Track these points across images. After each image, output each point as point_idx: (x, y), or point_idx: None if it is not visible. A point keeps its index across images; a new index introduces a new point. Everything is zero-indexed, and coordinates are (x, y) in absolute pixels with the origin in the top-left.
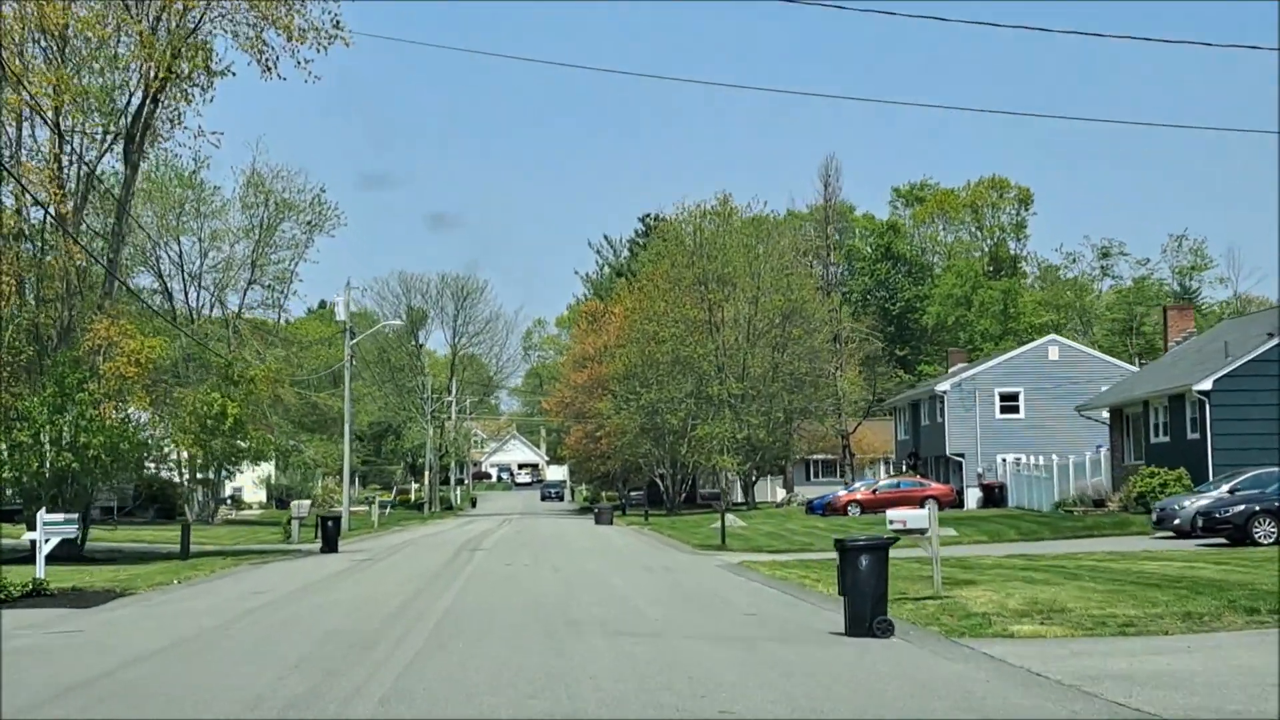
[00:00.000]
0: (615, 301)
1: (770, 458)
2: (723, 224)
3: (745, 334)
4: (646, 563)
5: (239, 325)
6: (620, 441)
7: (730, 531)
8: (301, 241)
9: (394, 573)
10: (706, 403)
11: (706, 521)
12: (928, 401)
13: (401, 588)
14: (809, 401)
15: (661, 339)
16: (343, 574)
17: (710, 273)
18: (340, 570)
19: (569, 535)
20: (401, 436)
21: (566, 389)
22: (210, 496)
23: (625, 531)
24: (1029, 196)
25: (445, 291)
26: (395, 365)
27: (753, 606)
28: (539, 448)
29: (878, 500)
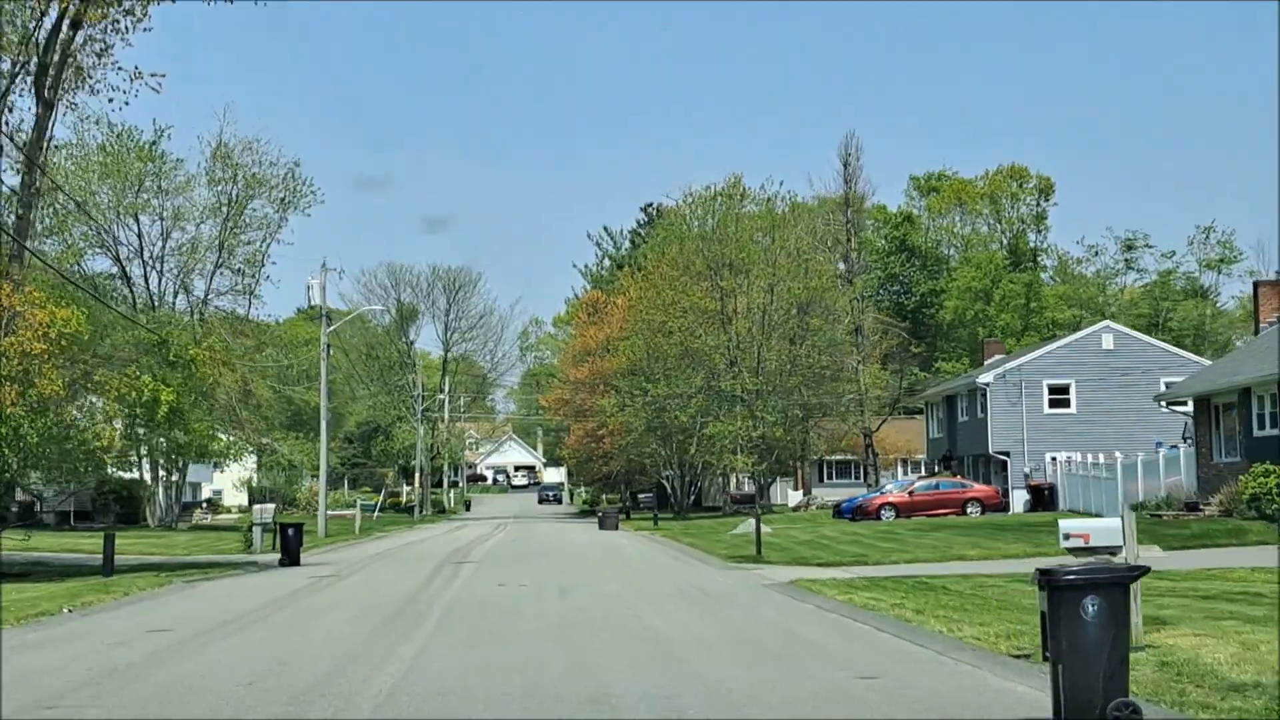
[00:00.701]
0: (618, 292)
1: (786, 458)
2: (735, 207)
3: (760, 325)
4: (675, 582)
5: (205, 313)
6: (624, 440)
7: (753, 539)
8: (274, 221)
9: (348, 604)
10: (718, 399)
11: (722, 528)
12: (966, 395)
13: (344, 634)
14: (829, 397)
15: (669, 330)
16: (282, 602)
17: (722, 258)
18: (284, 595)
19: (574, 543)
20: (391, 437)
21: (566, 385)
22: (174, 499)
23: (635, 538)
24: (1050, 186)
25: (436, 284)
26: (384, 362)
27: (864, 661)
28: (536, 449)
29: (915, 503)
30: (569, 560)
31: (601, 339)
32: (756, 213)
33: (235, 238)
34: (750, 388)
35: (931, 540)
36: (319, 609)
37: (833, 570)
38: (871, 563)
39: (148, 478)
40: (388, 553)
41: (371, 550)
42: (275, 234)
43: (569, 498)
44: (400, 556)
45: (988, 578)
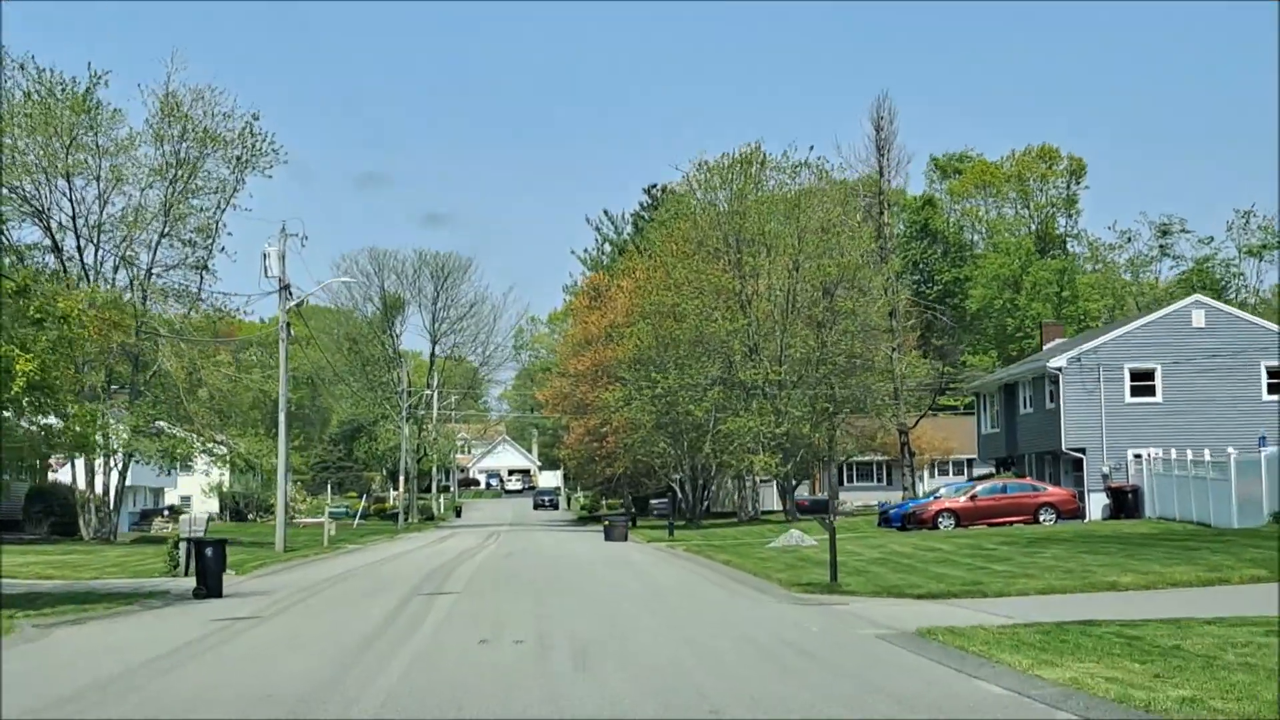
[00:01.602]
0: (622, 275)
1: (810, 458)
2: (755, 176)
3: (784, 307)
4: (741, 627)
5: (148, 289)
6: (631, 439)
7: (804, 555)
8: (229, 183)
9: (224, 687)
10: (735, 392)
11: (750, 538)
12: (1030, 384)
13: None
14: (862, 390)
15: (682, 314)
16: (114, 685)
17: (741, 233)
18: (140, 664)
19: (580, 560)
20: (376, 438)
21: (565, 378)
22: (112, 506)
23: (653, 553)
24: (1081, 168)
25: (423, 271)
26: (367, 356)
27: None
28: (531, 452)
29: (980, 509)
30: (578, 587)
31: (604, 326)
32: (779, 182)
33: (185, 203)
34: (773, 378)
35: (1047, 559)
36: (165, 699)
37: (949, 606)
38: (992, 593)
39: (81, 482)
40: (350, 574)
41: (331, 570)
42: (231, 198)
43: (566, 503)
44: (363, 581)
45: (1205, 624)
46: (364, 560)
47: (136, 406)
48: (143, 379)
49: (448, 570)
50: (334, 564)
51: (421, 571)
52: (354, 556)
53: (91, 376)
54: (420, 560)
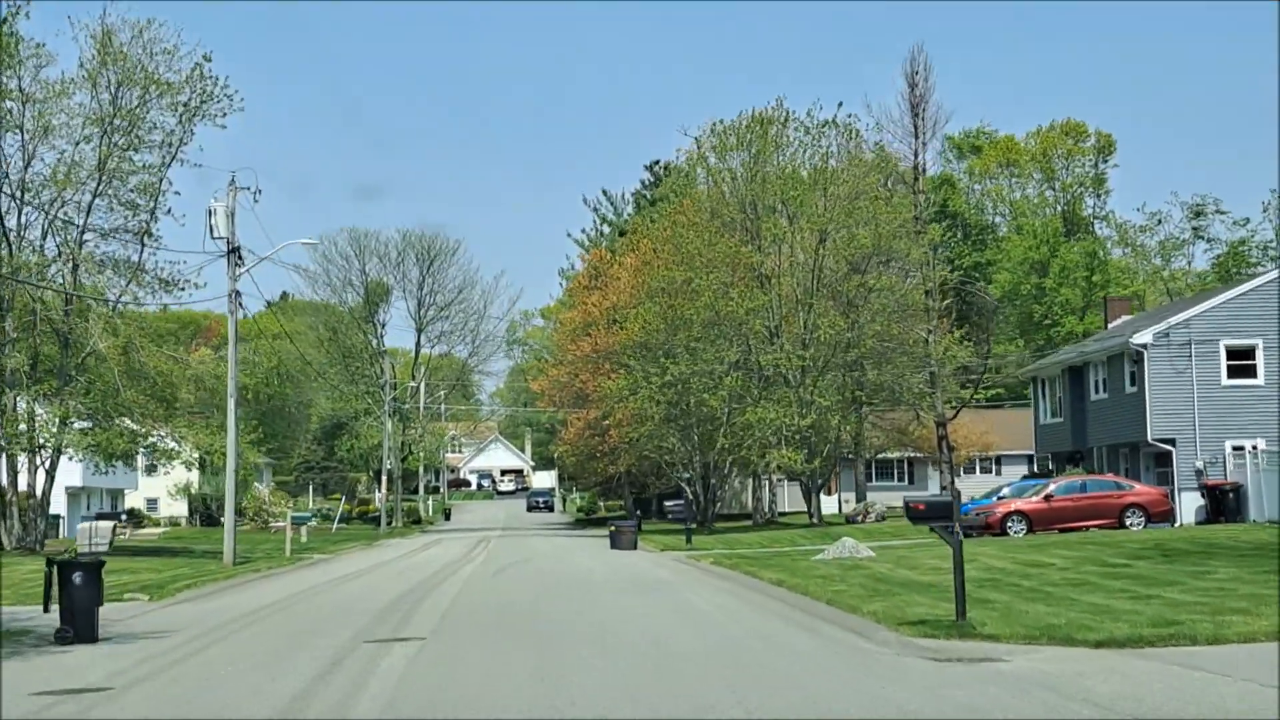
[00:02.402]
0: (626, 252)
1: (834, 454)
2: (777, 137)
3: (809, 284)
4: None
5: (79, 257)
6: (637, 433)
7: (874, 572)
8: (176, 135)
9: None
10: (755, 380)
11: (778, 544)
12: (1104, 365)
13: None
14: (896, 377)
15: (696, 290)
16: None
17: (761, 200)
18: None
19: (590, 579)
20: (358, 435)
21: (562, 367)
22: (39, 511)
23: (676, 567)
24: (1110, 144)
25: (408, 253)
26: (347, 347)
27: None
28: (524, 452)
29: (1056, 511)
30: (601, 631)
31: (606, 308)
32: (803, 144)
33: (126, 158)
34: (797, 364)
35: (1222, 582)
36: None
37: (1165, 664)
38: (1204, 638)
39: (3, 480)
40: (293, 601)
41: (273, 594)
42: (177, 153)
43: (561, 505)
44: (302, 613)
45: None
46: (323, 577)
47: (66, 394)
48: (74, 362)
49: (419, 595)
50: (283, 583)
51: (385, 598)
52: (314, 571)
53: (12, 359)
54: (390, 578)
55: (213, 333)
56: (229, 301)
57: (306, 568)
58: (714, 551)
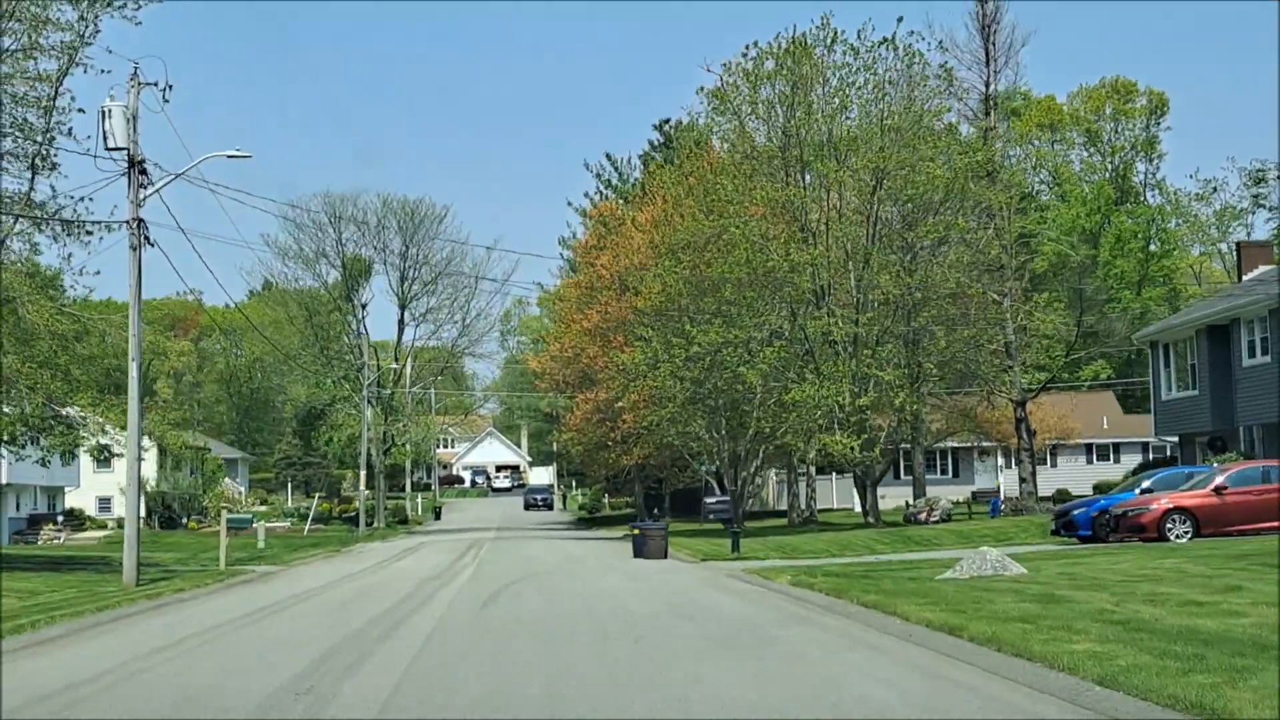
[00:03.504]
0: (641, 207)
1: (900, 440)
2: (822, 62)
3: (867, 234)
4: None
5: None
6: (658, 416)
7: (1083, 605)
8: (76, 33)
9: None
10: (798, 350)
11: (849, 550)
12: (1259, 323)
13: None
14: (971, 348)
15: (731, 241)
16: None
17: (805, 136)
18: None
19: (623, 609)
20: (337, 425)
21: (566, 340)
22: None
23: (732, 584)
24: (1163, 104)
25: (389, 220)
26: (320, 326)
27: None
28: (520, 446)
29: (1229, 507)
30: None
31: (617, 271)
32: (853, 69)
33: (11, 65)
34: (848, 333)
35: None
36: None
37: None
38: None
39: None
40: (143, 671)
41: (133, 649)
42: (77, 57)
43: (562, 502)
44: (147, 687)
45: None
46: (242, 608)
47: None
48: None
49: (360, 656)
50: (176, 618)
51: (300, 662)
52: (232, 596)
53: None
54: (332, 609)
55: (191, 324)
56: (129, 233)
57: (233, 588)
58: (775, 562)
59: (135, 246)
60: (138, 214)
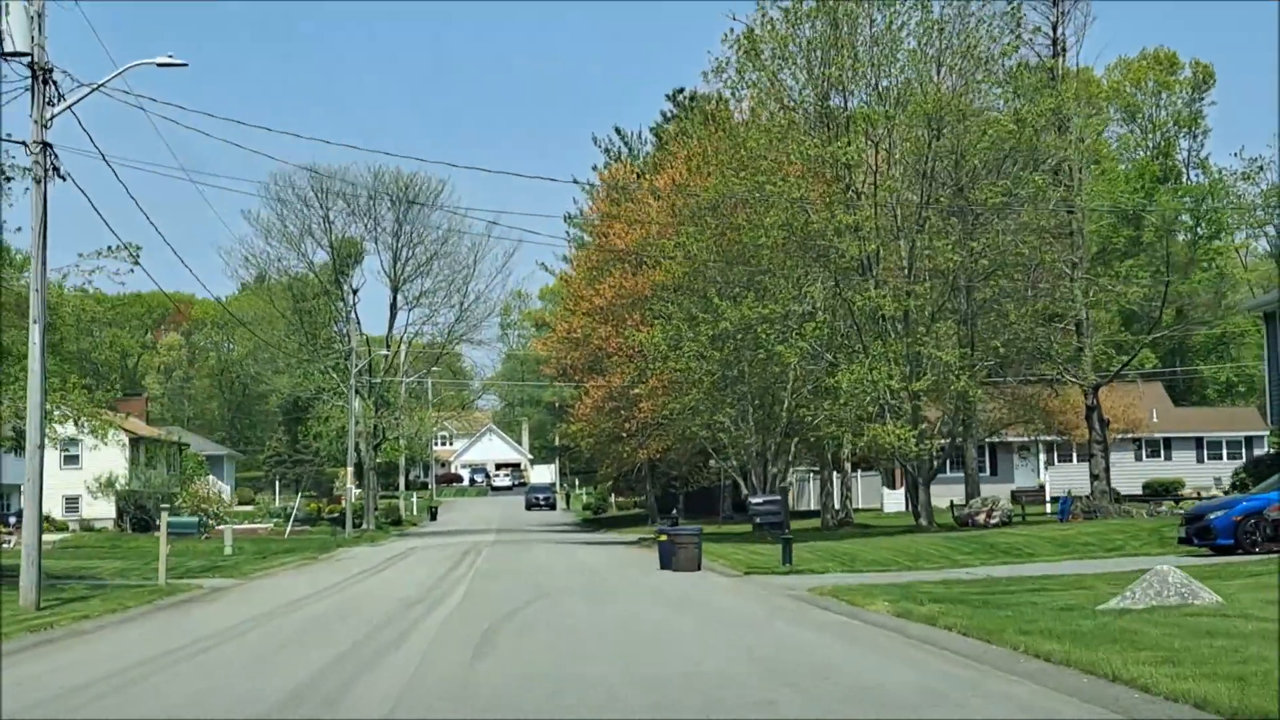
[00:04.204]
0: (658, 172)
1: (958, 431)
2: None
3: (921, 193)
4: None
5: None
6: (680, 403)
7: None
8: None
9: None
10: (843, 325)
11: (925, 563)
12: None
13: None
14: (1041, 326)
15: (768, 201)
16: None
17: (848, 80)
18: None
19: (682, 664)
20: (325, 419)
21: (575, 320)
22: None
23: (804, 612)
24: (1209, 76)
25: (380, 196)
26: (305, 311)
27: None
28: (521, 444)
29: None
30: None
31: (633, 241)
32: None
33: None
34: (901, 307)
35: None
36: None
37: None
38: None
39: None
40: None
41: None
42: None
43: (565, 502)
44: None
45: None
46: (137, 653)
47: None
48: None
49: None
50: (35, 670)
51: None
52: (158, 625)
53: None
54: (262, 655)
55: (183, 316)
56: (33, 161)
57: (158, 613)
58: (839, 577)
59: (40, 179)
60: (43, 136)
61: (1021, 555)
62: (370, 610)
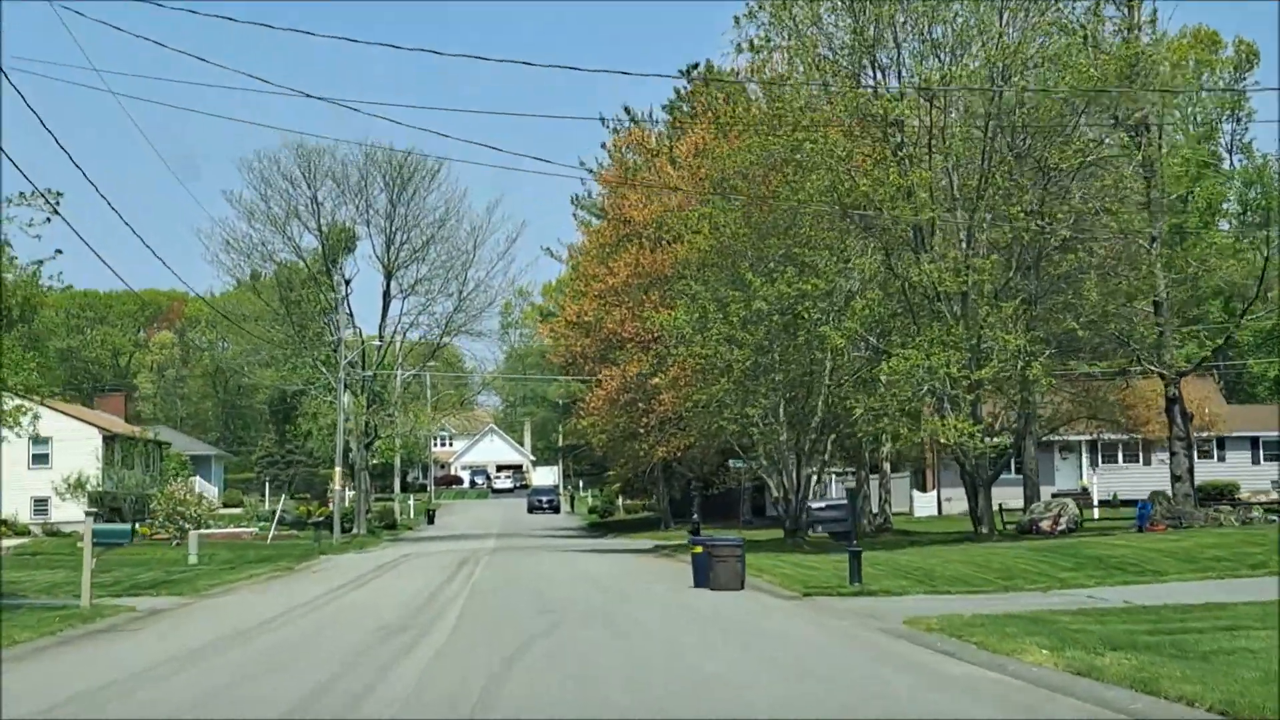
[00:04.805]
0: (677, 140)
1: (1027, 426)
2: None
3: (985, 154)
4: None
5: None
6: (707, 394)
7: None
8: None
9: None
10: (891, 307)
11: (1028, 576)
12: None
13: None
14: (1119, 308)
15: (808, 163)
16: None
17: (899, 21)
18: None
19: None
20: (314, 415)
21: (586, 303)
22: None
23: (972, 681)
24: (1252, 55)
25: (372, 176)
26: (291, 301)
27: None
28: (523, 445)
29: None
30: None
31: (652, 217)
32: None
33: None
34: (964, 283)
35: None
36: None
37: None
38: None
39: None
40: None
41: None
42: None
43: (569, 504)
44: None
45: None
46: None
47: None
48: None
49: None
50: None
51: None
52: (41, 671)
53: None
54: None
55: (176, 314)
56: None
57: (54, 649)
58: (928, 601)
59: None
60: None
61: (1143, 573)
62: (332, 646)
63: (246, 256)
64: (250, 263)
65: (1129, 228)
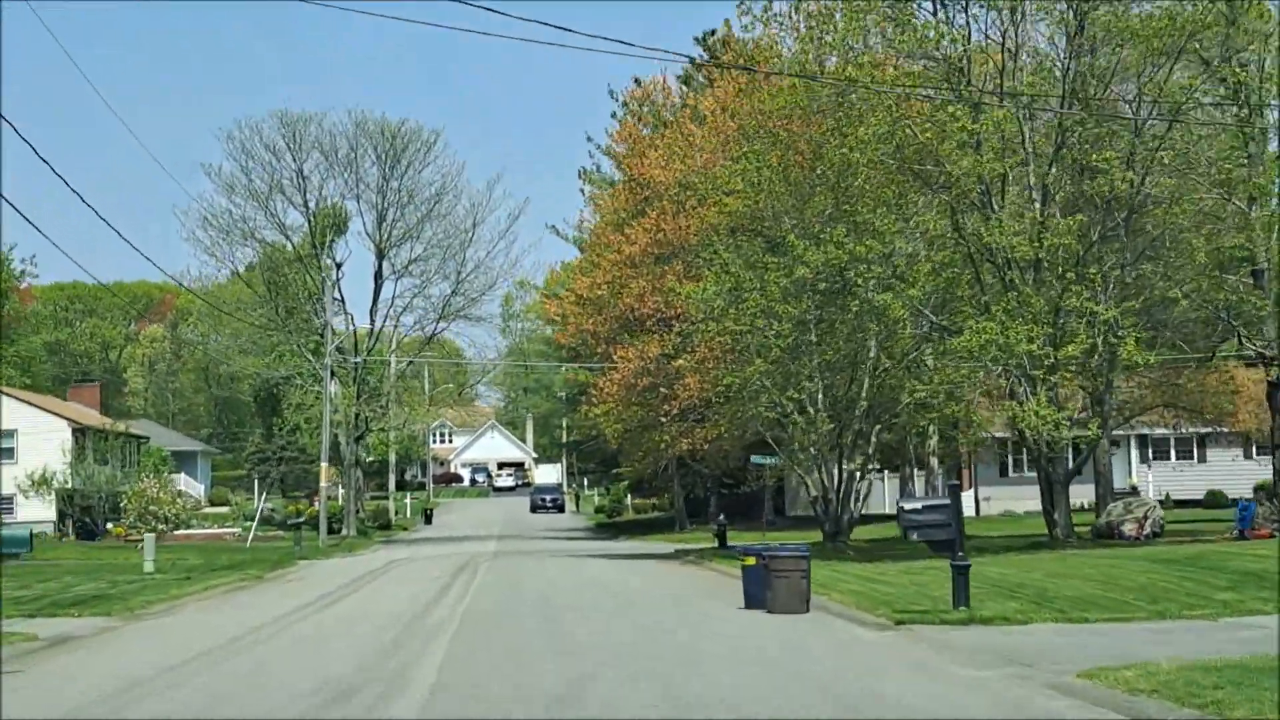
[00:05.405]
0: (702, 92)
1: (1113, 412)
2: None
3: (1062, 102)
4: None
5: None
6: (741, 377)
7: None
8: None
9: None
10: (957, 274)
11: (1144, 599)
12: None
13: None
14: (1223, 277)
15: (860, 111)
16: None
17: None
18: None
19: None
20: (301, 406)
21: (599, 274)
22: None
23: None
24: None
25: (363, 147)
26: (276, 284)
27: None
28: (525, 441)
29: None
30: None
31: (674, 179)
32: None
33: None
34: (1036, 252)
35: None
36: None
37: None
38: None
39: None
40: None
41: None
42: None
43: (574, 503)
44: None
45: None
46: None
47: None
48: None
49: None
50: None
51: None
52: None
53: None
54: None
55: (168, 306)
56: None
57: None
58: (1079, 639)
59: None
60: None
61: None
62: (269, 701)
63: (225, 234)
64: (229, 240)
65: (1232, 175)
